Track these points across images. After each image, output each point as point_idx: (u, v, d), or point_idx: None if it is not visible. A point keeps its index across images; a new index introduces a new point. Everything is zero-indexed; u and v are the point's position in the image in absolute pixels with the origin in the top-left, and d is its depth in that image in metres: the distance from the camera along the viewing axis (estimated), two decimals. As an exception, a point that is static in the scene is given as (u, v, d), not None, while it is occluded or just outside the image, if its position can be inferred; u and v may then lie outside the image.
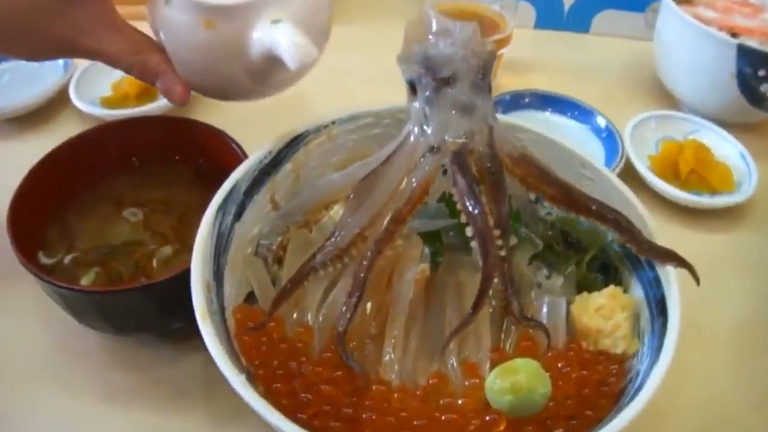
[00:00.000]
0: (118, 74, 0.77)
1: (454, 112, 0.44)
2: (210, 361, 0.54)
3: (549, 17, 0.90)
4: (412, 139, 0.44)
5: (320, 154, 0.53)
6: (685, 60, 0.74)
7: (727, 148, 0.72)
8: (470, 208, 0.41)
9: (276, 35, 0.44)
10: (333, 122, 0.52)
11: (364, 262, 0.41)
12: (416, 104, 0.44)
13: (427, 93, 0.44)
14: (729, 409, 0.53)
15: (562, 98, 0.75)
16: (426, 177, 0.44)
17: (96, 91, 0.76)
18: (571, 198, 0.45)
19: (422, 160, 0.44)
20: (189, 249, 0.53)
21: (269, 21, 0.45)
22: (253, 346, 0.42)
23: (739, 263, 0.64)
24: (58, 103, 0.76)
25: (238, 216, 0.48)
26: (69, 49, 0.48)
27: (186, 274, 0.44)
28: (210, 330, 0.39)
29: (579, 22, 0.90)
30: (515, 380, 0.38)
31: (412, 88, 0.45)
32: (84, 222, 0.56)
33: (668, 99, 0.81)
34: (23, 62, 0.77)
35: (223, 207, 0.46)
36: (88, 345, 0.55)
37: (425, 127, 0.44)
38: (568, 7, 0.89)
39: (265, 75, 0.48)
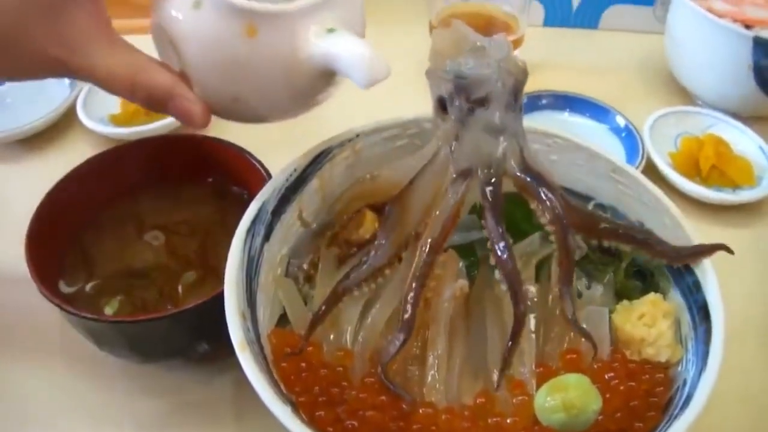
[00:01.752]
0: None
1: (486, 133, 0.43)
2: (238, 382, 0.54)
3: (557, 15, 0.89)
4: (442, 157, 0.44)
5: (346, 169, 0.51)
6: (699, 54, 0.73)
7: (746, 142, 0.71)
8: (499, 253, 0.41)
9: (338, 47, 0.38)
10: (357, 135, 0.51)
11: (410, 299, 0.40)
12: (447, 123, 0.43)
13: (460, 114, 0.43)
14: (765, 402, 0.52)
15: (580, 98, 0.75)
16: (457, 203, 0.43)
17: (104, 108, 0.74)
18: (591, 224, 0.45)
19: (453, 185, 0.43)
20: (213, 272, 0.52)
21: (324, 29, 0.39)
22: (292, 372, 0.41)
23: (763, 257, 0.63)
24: (65, 122, 0.74)
25: (267, 237, 0.47)
26: (58, 69, 0.41)
27: (215, 300, 0.43)
28: (251, 362, 0.38)
29: (588, 19, 0.89)
30: (566, 397, 0.37)
31: (442, 104, 0.44)
32: (104, 247, 0.54)
33: (683, 93, 0.80)
34: (27, 81, 0.77)
35: (251, 229, 0.45)
36: (112, 372, 0.54)
37: (455, 148, 0.43)
38: (576, 4, 0.88)
39: (310, 93, 0.43)
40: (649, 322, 0.43)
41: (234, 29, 0.38)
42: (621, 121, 0.72)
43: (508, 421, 0.39)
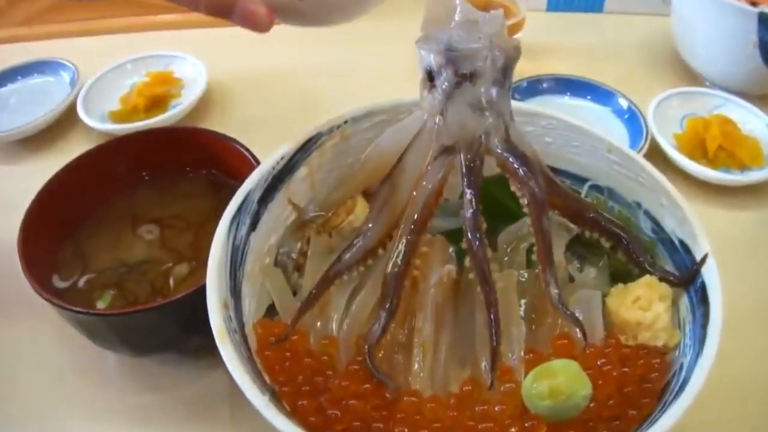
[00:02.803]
0: (125, 87, 0.77)
1: (471, 109, 0.42)
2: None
3: (560, -1, 0.87)
4: (426, 131, 0.43)
5: (335, 156, 0.51)
6: (704, 33, 0.71)
7: (754, 121, 0.69)
8: (472, 240, 0.40)
9: None
10: (346, 122, 0.50)
11: (392, 276, 0.39)
12: (433, 95, 0.43)
13: (447, 87, 0.42)
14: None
15: (581, 81, 0.73)
16: (440, 180, 0.42)
17: (104, 106, 0.75)
18: (577, 210, 0.44)
19: (435, 161, 0.42)
20: (206, 265, 0.52)
21: None
22: (277, 361, 0.41)
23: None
24: (66, 120, 0.75)
25: (253, 226, 0.46)
26: None
27: (203, 291, 0.42)
28: (230, 351, 0.37)
29: (592, 2, 0.87)
30: (554, 384, 0.36)
31: (430, 76, 0.43)
32: (98, 241, 0.54)
33: (690, 75, 0.78)
34: (30, 83, 0.78)
35: (236, 218, 0.44)
36: (107, 368, 0.54)
37: (440, 121, 0.42)
38: (580, -14, 0.86)
39: None
40: (644, 305, 0.42)
41: None
42: (624, 103, 0.70)
43: (496, 408, 0.38)
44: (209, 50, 0.81)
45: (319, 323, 0.43)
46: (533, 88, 0.72)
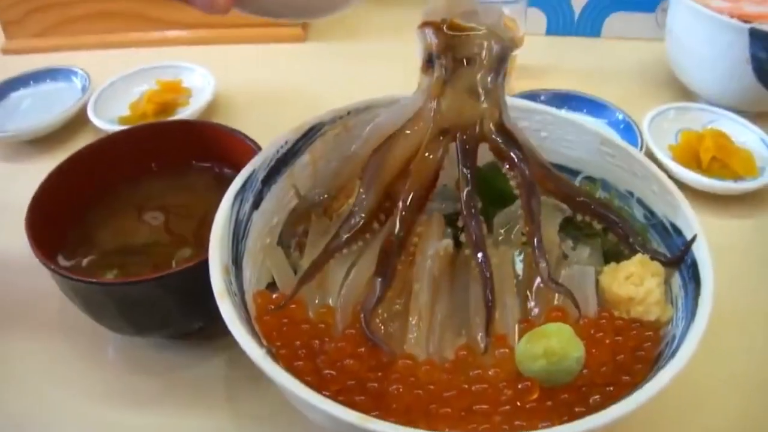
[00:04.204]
0: (135, 95, 0.79)
1: (467, 94, 0.44)
2: (232, 362, 0.54)
3: (560, 23, 0.90)
4: (424, 111, 0.44)
5: (337, 145, 0.52)
6: (698, 50, 0.74)
7: (747, 135, 0.71)
8: (467, 216, 0.42)
9: None
10: (348, 113, 0.52)
11: (391, 241, 0.41)
12: (431, 79, 0.44)
13: (445, 71, 0.44)
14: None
15: (578, 95, 0.75)
16: (437, 163, 0.44)
17: (114, 111, 0.77)
18: (569, 194, 0.46)
19: (432, 143, 0.44)
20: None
21: None
22: (274, 327, 0.41)
23: (766, 247, 0.62)
24: (76, 124, 0.77)
25: (256, 205, 0.47)
26: None
27: (204, 265, 0.43)
28: (229, 307, 0.38)
29: (590, 27, 0.90)
30: (547, 345, 0.37)
31: (429, 59, 0.45)
32: (104, 226, 0.55)
33: (685, 96, 0.80)
34: (43, 88, 0.80)
35: (240, 194, 0.46)
36: (107, 350, 0.54)
37: (437, 105, 0.44)
38: (578, 12, 0.89)
39: None
40: (636, 281, 0.42)
41: None
42: (619, 116, 0.72)
43: (490, 372, 0.38)
44: (217, 65, 0.84)
45: (317, 298, 0.44)
46: (531, 100, 0.74)
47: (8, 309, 0.58)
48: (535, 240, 0.41)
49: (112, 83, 0.79)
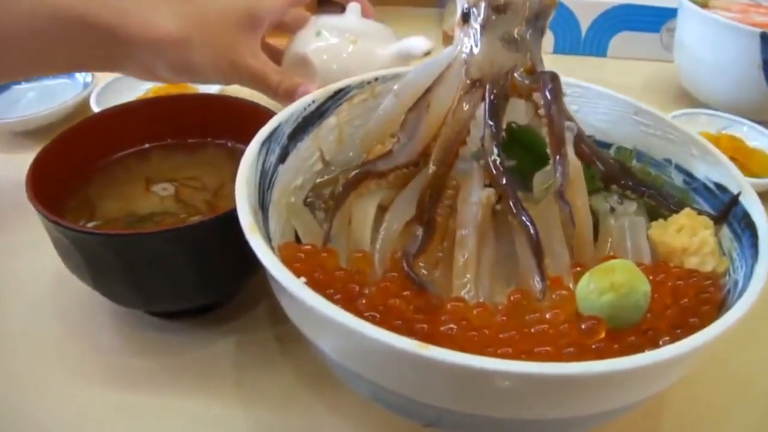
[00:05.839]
0: (141, 91, 0.77)
1: (501, 43, 0.43)
2: (240, 345, 0.50)
3: (567, 42, 0.92)
4: (457, 64, 0.43)
5: (363, 111, 0.50)
6: (709, 59, 0.74)
7: (761, 139, 0.70)
8: (490, 164, 0.40)
9: (401, 43, 0.65)
10: (377, 79, 0.51)
11: (426, 202, 0.39)
12: (467, 31, 0.43)
13: (480, 19, 0.43)
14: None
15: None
16: (467, 115, 0.42)
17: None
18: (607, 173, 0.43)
19: (466, 95, 0.42)
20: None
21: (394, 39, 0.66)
22: (306, 273, 0.37)
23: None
24: (79, 115, 0.74)
25: (282, 159, 0.45)
26: (236, 69, 0.58)
27: (220, 221, 0.40)
28: (260, 241, 0.35)
29: (597, 46, 0.91)
30: (614, 278, 0.34)
31: (465, 17, 0.44)
32: (110, 193, 0.52)
33: (695, 107, 0.80)
34: (47, 82, 0.78)
35: (266, 144, 0.43)
36: (110, 331, 0.51)
37: (471, 55, 0.43)
38: (585, 31, 0.90)
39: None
40: (689, 232, 0.40)
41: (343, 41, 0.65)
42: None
43: (548, 315, 0.35)
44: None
45: (348, 247, 0.41)
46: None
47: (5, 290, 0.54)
48: (557, 149, 0.39)
49: (118, 78, 0.76)
